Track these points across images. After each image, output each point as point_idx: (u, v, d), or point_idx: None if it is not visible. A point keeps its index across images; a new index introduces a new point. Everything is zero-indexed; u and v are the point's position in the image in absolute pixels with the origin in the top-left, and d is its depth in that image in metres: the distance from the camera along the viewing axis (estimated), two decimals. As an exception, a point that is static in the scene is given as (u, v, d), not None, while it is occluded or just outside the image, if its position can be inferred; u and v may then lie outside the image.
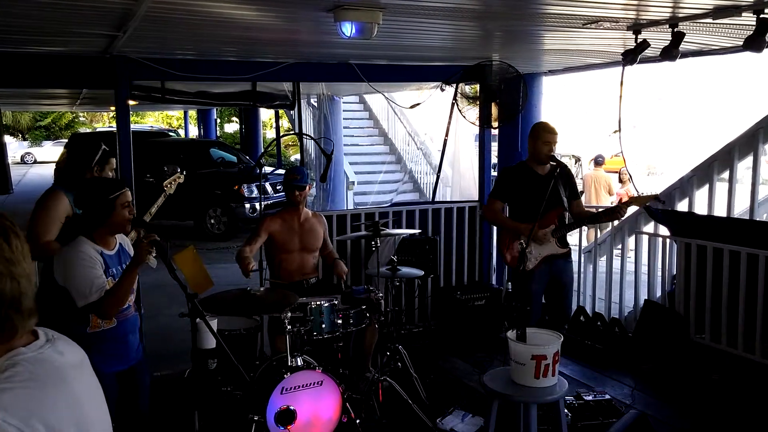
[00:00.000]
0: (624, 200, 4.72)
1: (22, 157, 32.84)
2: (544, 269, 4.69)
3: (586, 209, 5.03)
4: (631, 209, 5.04)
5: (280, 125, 17.80)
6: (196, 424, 3.59)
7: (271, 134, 25.99)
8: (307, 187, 4.75)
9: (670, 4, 3.84)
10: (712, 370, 4.97)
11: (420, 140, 13.51)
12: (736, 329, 4.95)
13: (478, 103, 6.41)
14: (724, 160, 5.71)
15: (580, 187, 8.13)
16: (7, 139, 33.88)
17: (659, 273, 5.86)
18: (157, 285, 6.46)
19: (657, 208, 5.37)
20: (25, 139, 36.57)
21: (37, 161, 32.08)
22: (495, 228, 6.28)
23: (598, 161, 10.54)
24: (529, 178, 4.70)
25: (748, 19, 3.93)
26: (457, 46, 5.54)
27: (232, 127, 29.89)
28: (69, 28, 4.19)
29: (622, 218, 4.90)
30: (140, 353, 3.30)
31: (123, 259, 3.15)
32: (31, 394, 1.16)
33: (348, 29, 3.72)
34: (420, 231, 6.13)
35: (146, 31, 4.22)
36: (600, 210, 5.18)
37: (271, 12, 3.96)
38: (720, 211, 5.75)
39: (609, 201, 9.85)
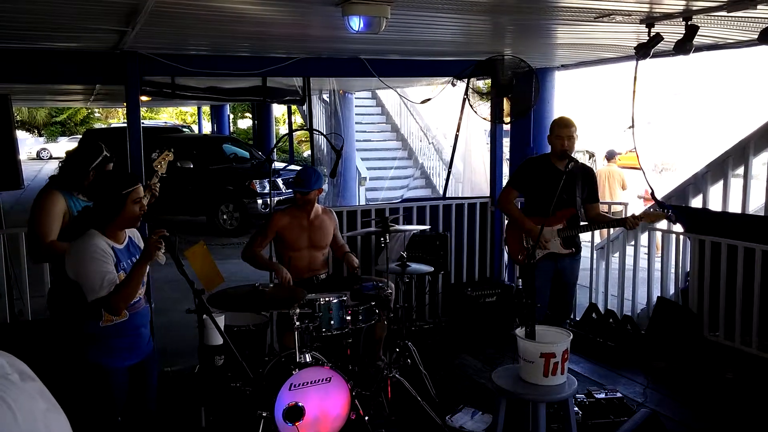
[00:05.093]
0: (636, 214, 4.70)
1: (38, 153, 33.14)
2: (548, 265, 4.64)
3: (603, 215, 4.97)
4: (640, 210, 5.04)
5: (293, 121, 17.79)
6: (203, 420, 3.59)
7: (284, 130, 26.03)
8: (316, 191, 4.63)
9: (684, -3, 3.79)
10: (725, 368, 4.91)
11: (432, 135, 13.42)
12: (751, 327, 4.90)
13: (489, 98, 6.36)
14: (738, 155, 5.64)
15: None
16: (23, 135, 34.28)
17: (672, 270, 5.80)
18: (168, 281, 6.51)
19: (670, 206, 5.31)
20: (41, 135, 36.85)
21: (53, 157, 32.29)
22: (505, 221, 6.24)
23: (610, 156, 10.46)
24: (547, 171, 4.61)
25: (763, 11, 3.86)
26: (468, 40, 5.50)
27: (246, 122, 29.98)
28: (77, 23, 4.19)
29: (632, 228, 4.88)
30: (151, 345, 3.31)
31: (132, 252, 3.13)
32: None
33: (356, 23, 3.70)
34: (430, 227, 6.10)
35: (155, 26, 4.21)
36: (611, 217, 5.19)
37: (278, 6, 3.95)
38: (735, 207, 5.68)
39: (622, 196, 9.78)
